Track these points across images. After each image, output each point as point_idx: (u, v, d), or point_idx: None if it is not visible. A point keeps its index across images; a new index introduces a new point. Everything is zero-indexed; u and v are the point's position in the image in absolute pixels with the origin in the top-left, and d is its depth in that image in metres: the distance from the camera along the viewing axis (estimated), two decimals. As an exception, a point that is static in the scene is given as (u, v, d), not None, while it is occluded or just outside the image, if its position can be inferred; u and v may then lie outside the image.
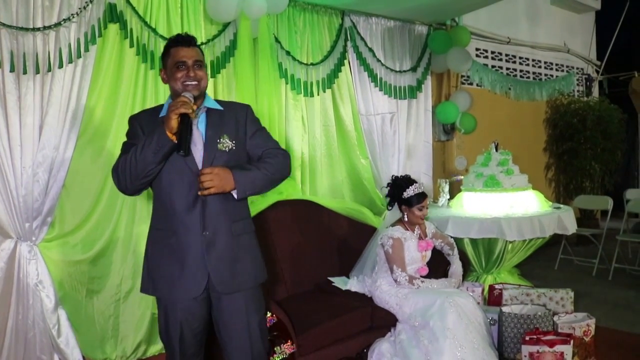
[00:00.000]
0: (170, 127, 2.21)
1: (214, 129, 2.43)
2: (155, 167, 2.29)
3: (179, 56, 2.38)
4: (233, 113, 2.52)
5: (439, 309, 3.36)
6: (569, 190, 8.08)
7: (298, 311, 3.40)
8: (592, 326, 3.58)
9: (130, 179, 2.30)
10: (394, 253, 3.74)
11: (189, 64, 2.38)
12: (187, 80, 2.37)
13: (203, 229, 2.36)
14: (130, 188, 2.36)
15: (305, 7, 4.63)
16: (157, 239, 2.46)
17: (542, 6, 7.82)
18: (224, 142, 2.41)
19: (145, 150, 2.24)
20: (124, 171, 2.30)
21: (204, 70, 2.45)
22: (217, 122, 2.45)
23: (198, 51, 2.45)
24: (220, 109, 2.50)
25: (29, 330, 3.37)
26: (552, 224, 4.69)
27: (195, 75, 2.38)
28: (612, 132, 7.98)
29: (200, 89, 2.41)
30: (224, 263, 2.40)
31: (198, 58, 2.42)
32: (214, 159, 2.37)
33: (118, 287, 3.73)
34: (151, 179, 2.34)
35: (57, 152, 3.39)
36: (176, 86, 2.39)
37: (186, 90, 2.36)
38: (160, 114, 2.42)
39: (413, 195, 3.86)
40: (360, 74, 5.00)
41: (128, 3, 3.65)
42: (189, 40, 2.43)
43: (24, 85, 3.25)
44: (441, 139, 6.21)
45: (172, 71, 2.39)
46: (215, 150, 2.39)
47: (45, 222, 3.42)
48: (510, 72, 7.30)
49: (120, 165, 2.32)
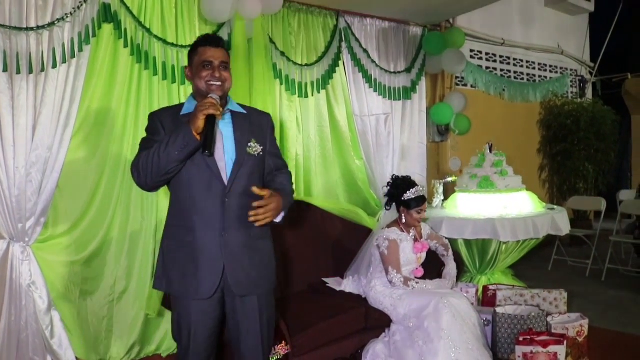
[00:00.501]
0: (197, 126, 2.23)
1: (242, 132, 2.47)
2: (178, 165, 2.30)
3: (207, 55, 2.41)
4: (258, 119, 2.58)
5: (434, 310, 3.37)
6: (562, 191, 8.10)
7: (292, 312, 3.40)
8: (585, 326, 3.60)
9: (151, 175, 2.30)
10: (390, 254, 3.74)
11: (215, 64, 2.41)
12: (211, 80, 2.40)
13: (222, 230, 2.37)
14: (150, 184, 2.36)
15: (300, 8, 4.63)
16: (174, 236, 2.46)
17: (536, 8, 7.85)
18: (253, 146, 2.46)
19: (169, 147, 2.24)
20: (145, 167, 2.30)
21: (229, 72, 2.47)
22: (244, 126, 2.49)
23: (225, 53, 2.48)
24: (244, 112, 2.54)
25: (22, 332, 3.35)
26: (545, 225, 4.71)
27: (221, 75, 2.41)
28: (605, 134, 8.01)
29: (224, 90, 2.44)
30: (241, 266, 2.42)
31: (225, 59, 2.45)
32: (243, 161, 2.42)
33: (112, 288, 3.72)
34: (172, 176, 2.35)
35: (50, 153, 3.37)
36: (200, 85, 2.42)
37: (210, 89, 2.39)
38: (182, 112, 2.45)
39: (413, 199, 3.85)
40: (355, 75, 5.00)
41: (122, 3, 3.64)
42: (217, 40, 2.48)
43: (17, 85, 3.23)
44: (435, 140, 6.23)
45: (198, 69, 2.42)
46: (245, 153, 2.43)
47: (39, 223, 3.40)
48: (504, 73, 7.32)
49: (141, 161, 2.31)
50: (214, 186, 2.36)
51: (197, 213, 2.37)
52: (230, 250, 2.39)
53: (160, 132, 2.40)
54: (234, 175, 2.39)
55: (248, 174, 2.43)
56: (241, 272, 2.42)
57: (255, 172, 2.47)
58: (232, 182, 2.38)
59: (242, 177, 2.40)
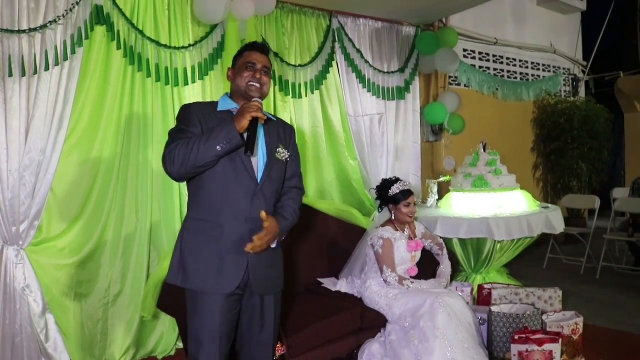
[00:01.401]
0: (242, 125, 2.30)
1: (272, 138, 2.55)
2: (214, 160, 2.34)
3: (252, 58, 2.52)
4: (283, 127, 2.67)
5: (429, 309, 3.37)
6: (556, 189, 8.13)
7: (288, 313, 3.39)
8: (580, 324, 3.60)
9: (186, 166, 2.32)
10: (384, 253, 3.75)
11: (258, 67, 2.51)
12: (252, 81, 2.49)
13: (250, 229, 2.40)
14: (183, 174, 2.38)
15: (293, 9, 4.63)
16: (199, 229, 2.46)
17: (529, 7, 7.88)
18: (281, 152, 2.56)
19: (211, 141, 2.29)
20: (180, 157, 2.31)
21: (270, 78, 2.58)
22: (272, 132, 2.58)
23: (269, 61, 2.59)
24: (273, 119, 2.65)
25: (17, 335, 3.34)
26: (540, 224, 4.71)
27: (261, 78, 2.50)
28: (598, 132, 8.05)
29: (262, 94, 2.51)
30: (263, 266, 2.49)
31: (267, 65, 2.56)
32: (273, 165, 2.51)
33: (106, 290, 3.71)
34: (205, 170, 2.38)
35: (44, 156, 3.36)
36: (241, 84, 2.50)
37: (249, 89, 2.48)
38: (218, 108, 2.51)
39: (398, 192, 3.90)
40: (349, 75, 5.00)
41: (115, 5, 3.63)
42: (263, 48, 2.60)
43: (9, 88, 3.22)
44: (430, 139, 6.24)
45: (241, 70, 2.52)
46: (274, 158, 2.52)
47: (33, 226, 3.39)
48: (497, 72, 7.34)
49: (178, 150, 2.32)
50: (246, 184, 2.43)
51: (228, 209, 2.41)
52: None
53: (197, 125, 2.43)
54: (265, 176, 2.47)
55: (276, 178, 2.54)
56: (263, 270, 2.49)
57: (281, 177, 2.58)
58: (263, 184, 2.45)
59: (271, 180, 2.50)
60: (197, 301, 2.45)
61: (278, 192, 2.59)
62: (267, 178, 2.48)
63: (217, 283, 2.40)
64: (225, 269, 2.40)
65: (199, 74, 4.02)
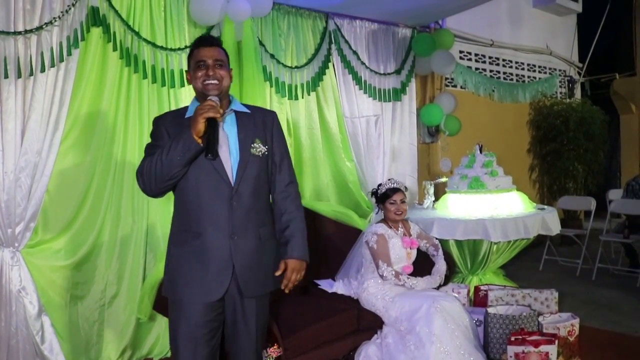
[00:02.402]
0: (197, 130, 2.23)
1: (246, 132, 2.44)
2: (181, 170, 2.30)
3: (200, 56, 2.40)
4: (261, 117, 2.54)
5: (425, 314, 3.36)
6: (552, 191, 8.15)
7: (284, 314, 3.39)
8: (576, 326, 3.61)
9: (155, 182, 2.31)
10: (379, 249, 3.77)
11: (209, 63, 2.38)
12: (207, 79, 2.37)
13: (232, 233, 2.36)
14: (155, 190, 2.36)
15: (289, 11, 4.63)
16: (181, 241, 2.43)
17: (525, 9, 7.90)
18: (257, 146, 2.44)
19: (171, 152, 2.25)
20: (149, 174, 2.30)
21: (227, 70, 2.44)
22: (248, 126, 2.46)
23: (220, 51, 2.45)
24: (247, 112, 2.52)
25: (12, 337, 3.33)
26: (536, 225, 4.72)
27: (215, 74, 2.38)
28: (594, 133, 8.07)
29: (222, 89, 2.40)
30: (252, 267, 2.42)
31: (219, 57, 2.42)
32: (247, 163, 2.40)
33: (102, 292, 3.70)
34: (176, 181, 2.35)
35: (39, 157, 3.35)
36: (197, 85, 2.40)
37: (206, 89, 2.37)
38: (186, 115, 2.43)
39: (385, 191, 3.95)
40: (345, 77, 5.01)
41: (111, 6, 3.63)
42: (210, 40, 2.46)
43: (5, 89, 3.21)
44: (426, 141, 6.24)
45: (194, 70, 2.41)
46: (249, 154, 2.41)
47: (28, 228, 3.38)
48: (493, 74, 7.35)
49: (145, 167, 2.31)
50: (220, 188, 2.35)
51: (205, 217, 2.36)
52: (241, 252, 2.38)
53: (164, 137, 2.38)
54: (239, 177, 2.37)
55: (254, 175, 2.42)
56: (252, 274, 2.42)
57: (261, 173, 2.47)
58: (239, 184, 2.37)
59: (248, 178, 2.40)
60: (176, 309, 2.43)
61: (261, 189, 2.47)
62: (243, 178, 2.38)
63: (205, 292, 2.36)
64: (210, 278, 2.35)
65: (195, 76, 4.01)
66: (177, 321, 2.42)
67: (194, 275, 2.37)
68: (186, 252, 2.39)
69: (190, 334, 2.38)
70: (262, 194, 2.49)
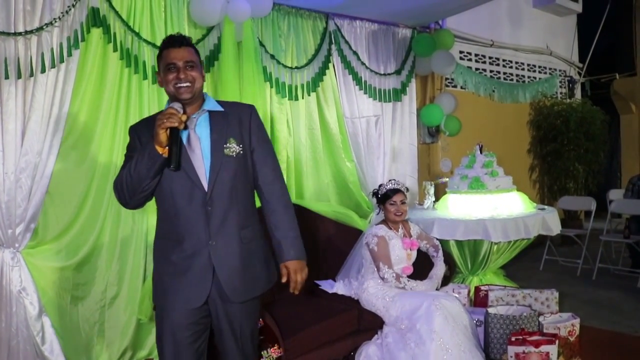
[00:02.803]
0: (159, 141, 2.16)
1: (219, 132, 2.34)
2: (151, 182, 2.24)
3: (169, 58, 2.29)
4: (237, 114, 2.42)
5: (426, 312, 3.37)
6: (553, 191, 8.14)
7: (285, 315, 3.40)
8: (576, 326, 3.62)
9: (128, 194, 2.25)
10: (379, 251, 3.76)
11: (179, 65, 2.28)
12: (178, 82, 2.28)
13: (209, 239, 2.29)
14: (131, 203, 2.31)
15: (290, 11, 4.63)
16: (161, 249, 2.39)
17: (525, 9, 7.90)
18: (230, 146, 2.33)
19: (138, 165, 2.18)
20: (122, 187, 2.25)
21: (199, 70, 2.34)
22: (221, 125, 2.36)
23: (190, 51, 2.33)
24: (222, 110, 2.41)
25: (13, 338, 3.33)
26: (536, 225, 4.72)
27: (187, 76, 2.28)
28: (594, 134, 8.06)
29: (194, 91, 2.31)
30: (236, 272, 2.34)
31: (189, 58, 2.30)
32: (221, 165, 2.30)
33: (103, 293, 3.70)
34: (149, 192, 2.29)
35: (40, 158, 3.36)
36: (169, 89, 2.31)
37: (178, 93, 2.28)
38: None
39: (386, 191, 3.94)
40: (345, 77, 5.01)
41: (111, 7, 3.63)
42: (180, 40, 2.33)
43: (5, 90, 3.21)
44: (426, 141, 6.24)
45: (165, 74, 2.31)
46: (222, 156, 2.31)
47: (29, 229, 3.38)
48: (493, 74, 7.35)
49: (117, 180, 2.27)
50: (194, 195, 2.28)
51: (182, 224, 2.29)
52: (221, 258, 2.31)
53: (138, 147, 2.30)
54: (212, 180, 2.29)
55: (230, 177, 2.32)
56: (236, 279, 2.34)
57: (238, 173, 2.35)
58: (212, 188, 2.29)
59: (223, 181, 2.30)
60: (159, 314, 2.41)
61: (239, 190, 2.37)
62: (217, 181, 2.29)
63: (186, 299, 2.32)
64: (191, 285, 2.31)
65: (195, 76, 4.01)
66: (161, 324, 2.39)
67: (175, 282, 2.32)
68: (167, 260, 2.34)
69: (174, 337, 2.35)
70: (241, 195, 2.38)
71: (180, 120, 2.18)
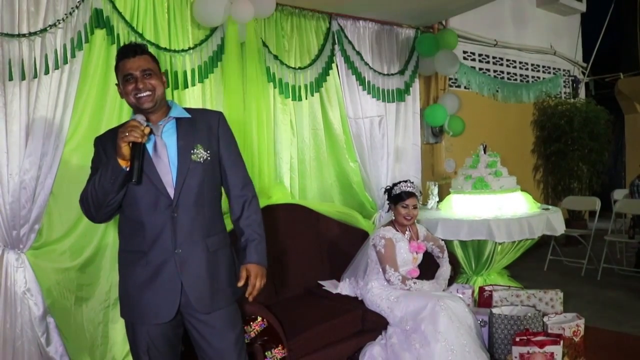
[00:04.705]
0: (122, 154, 2.12)
1: (186, 139, 2.31)
2: (116, 196, 2.20)
3: (126, 69, 2.25)
4: (205, 121, 2.39)
5: (430, 312, 3.37)
6: (557, 191, 8.13)
7: (288, 315, 3.40)
8: (581, 326, 3.61)
9: (94, 209, 2.23)
10: (386, 253, 3.75)
11: (136, 75, 2.23)
12: (137, 92, 2.23)
13: (175, 247, 2.25)
14: (98, 217, 2.28)
15: (293, 11, 4.63)
16: (126, 262, 2.35)
17: (528, 9, 7.89)
18: (197, 152, 2.30)
19: (102, 179, 2.16)
20: (87, 201, 2.23)
21: (158, 77, 2.30)
22: (188, 132, 2.33)
23: (147, 59, 2.29)
24: (188, 117, 2.37)
25: (17, 339, 3.33)
26: (540, 225, 4.71)
27: (145, 85, 2.24)
28: (599, 133, 8.05)
29: (155, 99, 2.27)
30: (202, 281, 2.30)
31: (146, 67, 2.26)
32: (188, 171, 2.27)
33: (107, 293, 3.70)
34: (116, 206, 2.26)
35: (44, 159, 3.36)
36: (130, 101, 2.26)
37: (140, 103, 2.24)
38: None
39: (400, 193, 3.89)
40: (348, 78, 5.00)
41: (114, 8, 3.63)
42: (134, 49, 2.28)
43: (9, 91, 3.21)
44: (430, 141, 6.23)
45: (123, 85, 2.27)
46: (189, 161, 2.28)
47: (33, 230, 3.38)
48: (497, 74, 7.34)
49: (84, 194, 2.25)
50: (160, 202, 2.24)
51: (147, 234, 2.25)
52: (188, 267, 2.27)
53: (103, 160, 2.26)
54: (179, 187, 2.25)
55: (197, 183, 2.29)
56: (203, 288, 2.30)
57: (205, 180, 2.32)
58: (179, 195, 2.25)
59: (189, 188, 2.27)
60: (129, 329, 2.38)
61: (206, 197, 2.33)
62: (184, 188, 2.26)
63: (155, 313, 2.28)
64: (159, 298, 2.26)
65: (198, 77, 4.01)
66: (133, 339, 2.37)
67: (142, 297, 2.28)
68: (133, 273, 2.30)
69: (146, 349, 2.33)
70: (207, 202, 2.35)
71: (142, 133, 2.14)
